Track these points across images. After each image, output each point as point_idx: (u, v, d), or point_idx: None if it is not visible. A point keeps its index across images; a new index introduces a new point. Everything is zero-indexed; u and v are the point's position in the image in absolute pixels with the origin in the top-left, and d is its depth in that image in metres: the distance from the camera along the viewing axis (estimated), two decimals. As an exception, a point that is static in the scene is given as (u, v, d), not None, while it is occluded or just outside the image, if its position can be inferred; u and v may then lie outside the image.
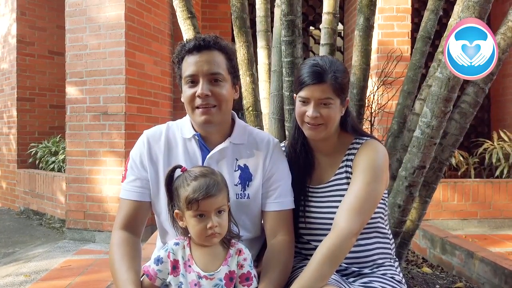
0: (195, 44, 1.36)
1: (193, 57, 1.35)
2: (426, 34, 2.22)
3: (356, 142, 1.48)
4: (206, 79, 1.34)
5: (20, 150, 5.67)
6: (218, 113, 1.36)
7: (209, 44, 1.36)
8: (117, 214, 1.42)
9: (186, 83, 1.37)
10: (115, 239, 1.36)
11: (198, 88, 1.34)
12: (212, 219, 1.20)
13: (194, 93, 1.34)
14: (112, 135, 3.99)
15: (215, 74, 1.35)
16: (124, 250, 1.33)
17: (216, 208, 1.21)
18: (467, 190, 4.26)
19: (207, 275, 1.21)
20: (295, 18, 1.96)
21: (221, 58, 1.38)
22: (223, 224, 1.22)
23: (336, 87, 1.39)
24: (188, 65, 1.36)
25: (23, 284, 2.87)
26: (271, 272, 1.30)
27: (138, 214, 1.40)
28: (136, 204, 1.40)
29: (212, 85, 1.35)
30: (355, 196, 1.32)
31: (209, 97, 1.33)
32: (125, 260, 1.30)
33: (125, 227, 1.38)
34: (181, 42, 1.43)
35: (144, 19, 4.22)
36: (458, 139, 2.06)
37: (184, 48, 1.38)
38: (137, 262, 1.34)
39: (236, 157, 1.43)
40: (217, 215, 1.21)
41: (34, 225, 4.93)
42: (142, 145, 1.44)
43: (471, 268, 2.75)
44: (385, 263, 1.44)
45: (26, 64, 5.66)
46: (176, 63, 1.41)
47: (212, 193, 1.20)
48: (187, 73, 1.36)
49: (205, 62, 1.34)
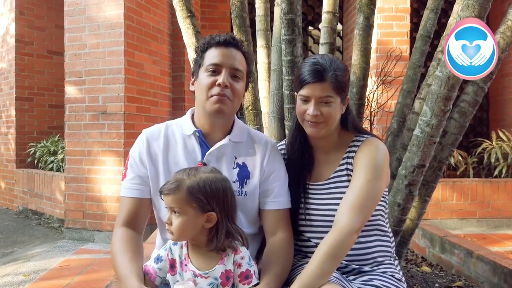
0: (226, 39, 1.42)
1: (221, 50, 1.41)
2: (425, 33, 2.23)
3: (356, 140, 1.48)
4: (229, 71, 1.39)
5: (18, 150, 5.67)
6: (230, 106, 1.40)
7: (238, 43, 1.44)
8: (118, 212, 1.43)
9: (207, 70, 1.40)
10: (117, 235, 1.37)
11: (220, 77, 1.38)
12: (168, 215, 1.23)
13: (214, 81, 1.38)
14: (111, 135, 3.98)
15: (237, 70, 1.41)
16: (126, 244, 1.34)
17: (169, 206, 1.23)
18: (466, 189, 4.26)
19: (201, 274, 1.22)
20: (295, 16, 1.96)
21: (244, 60, 1.45)
22: (174, 225, 1.21)
23: (336, 85, 1.39)
24: (214, 55, 1.40)
25: (22, 283, 2.87)
26: (271, 268, 1.31)
27: (139, 211, 1.41)
28: (137, 201, 1.41)
29: (232, 79, 1.40)
30: (356, 193, 1.33)
31: (227, 88, 1.38)
32: (128, 253, 1.31)
33: (127, 224, 1.39)
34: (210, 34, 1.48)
35: (143, 19, 4.21)
36: (458, 138, 2.06)
37: (214, 39, 1.43)
38: (140, 256, 1.35)
39: (235, 155, 1.45)
40: (172, 214, 1.22)
41: (33, 224, 4.92)
42: (141, 143, 1.45)
43: (470, 267, 2.75)
44: (385, 261, 1.44)
45: (25, 63, 5.66)
46: (200, 52, 1.45)
47: (164, 189, 1.23)
48: (212, 61, 1.40)
49: (231, 56, 1.41)
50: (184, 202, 1.20)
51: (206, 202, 1.22)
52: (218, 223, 1.24)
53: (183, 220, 1.21)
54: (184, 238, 1.25)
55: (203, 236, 1.25)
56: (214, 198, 1.23)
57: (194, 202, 1.20)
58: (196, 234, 1.24)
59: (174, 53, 4.87)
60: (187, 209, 1.21)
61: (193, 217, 1.21)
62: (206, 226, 1.23)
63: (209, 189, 1.22)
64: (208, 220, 1.23)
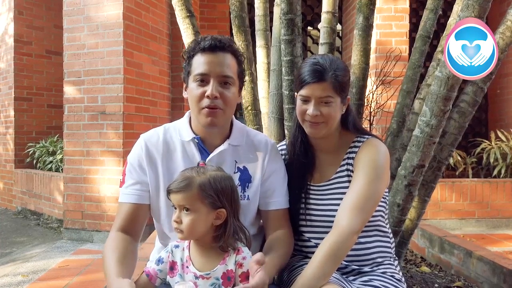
0: (210, 44, 1.34)
1: (207, 56, 1.34)
2: (425, 33, 2.23)
3: (357, 140, 1.48)
4: (217, 80, 1.33)
5: (17, 150, 5.65)
6: (223, 116, 1.36)
7: (224, 46, 1.36)
8: (115, 217, 1.41)
9: (195, 81, 1.35)
10: (110, 238, 1.35)
11: (208, 88, 1.32)
12: (177, 213, 1.22)
13: (203, 93, 1.33)
14: (110, 135, 3.97)
15: (227, 77, 1.34)
16: (115, 245, 1.31)
17: (180, 204, 1.21)
18: (465, 189, 4.26)
19: (203, 275, 1.22)
20: (294, 16, 1.96)
21: (233, 62, 1.38)
22: (184, 223, 1.20)
23: (336, 85, 1.39)
24: (200, 63, 1.35)
25: (20, 284, 2.86)
26: (270, 256, 1.31)
27: (137, 217, 1.39)
28: (135, 206, 1.39)
29: (221, 87, 1.34)
30: (357, 194, 1.33)
31: (217, 99, 1.32)
32: (115, 254, 1.27)
33: (123, 229, 1.36)
34: (195, 38, 1.42)
35: (142, 19, 4.21)
36: (457, 138, 2.06)
37: (199, 45, 1.36)
38: (129, 258, 1.30)
39: (236, 159, 1.43)
40: (182, 212, 1.21)
41: (31, 225, 4.91)
42: (140, 148, 1.42)
43: (470, 267, 2.75)
44: (385, 262, 1.44)
45: (24, 63, 5.64)
46: (186, 59, 1.40)
47: (174, 187, 1.21)
48: (198, 71, 1.34)
49: (218, 63, 1.34)
50: (196, 199, 1.21)
51: (217, 198, 1.23)
52: (226, 220, 1.25)
53: (195, 217, 1.21)
54: (193, 237, 1.24)
55: (209, 234, 1.25)
56: (224, 194, 1.24)
57: (205, 198, 1.21)
58: (206, 232, 1.24)
59: (173, 53, 4.87)
60: (199, 206, 1.21)
61: (204, 214, 1.22)
62: (216, 223, 1.24)
63: (219, 186, 1.23)
64: (217, 217, 1.24)
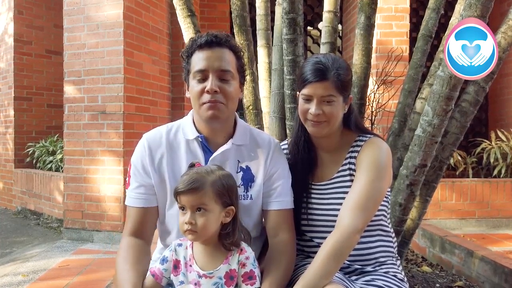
0: (207, 40, 1.35)
1: (204, 53, 1.34)
2: (427, 33, 2.23)
3: (359, 139, 1.47)
4: (216, 75, 1.33)
5: (17, 150, 5.64)
6: (225, 109, 1.35)
7: (221, 41, 1.36)
8: (125, 221, 1.42)
9: (195, 78, 1.35)
10: (122, 244, 1.37)
11: (207, 83, 1.32)
12: (189, 215, 1.20)
13: (203, 89, 1.33)
14: (110, 135, 3.97)
15: (225, 71, 1.34)
16: (128, 252, 1.33)
17: (193, 205, 1.20)
18: (465, 189, 4.26)
19: (206, 274, 1.22)
20: (296, 16, 1.96)
21: (231, 57, 1.38)
22: (199, 224, 1.19)
23: (338, 84, 1.39)
24: (198, 60, 1.35)
25: (21, 284, 2.86)
26: (273, 272, 1.29)
27: (145, 220, 1.40)
28: (143, 210, 1.39)
29: (221, 82, 1.34)
30: (359, 193, 1.32)
31: (217, 93, 1.32)
32: (128, 262, 1.30)
33: (134, 234, 1.38)
34: (191, 37, 1.41)
35: (142, 18, 4.20)
36: (459, 138, 2.06)
37: (195, 43, 1.36)
38: (142, 264, 1.32)
39: (239, 158, 1.43)
40: (196, 213, 1.20)
41: (31, 225, 4.91)
42: (143, 150, 1.41)
43: (471, 267, 2.75)
44: (387, 261, 1.44)
45: (23, 63, 5.63)
46: (185, 58, 1.40)
47: (187, 188, 1.19)
48: (197, 68, 1.34)
49: (216, 58, 1.34)
50: (210, 198, 1.21)
51: (228, 196, 1.24)
52: (234, 217, 1.26)
53: (209, 217, 1.21)
54: (206, 237, 1.23)
55: (216, 233, 1.25)
56: (232, 192, 1.26)
57: (219, 197, 1.22)
58: (216, 231, 1.24)
59: (173, 53, 4.86)
60: (213, 205, 1.21)
61: (218, 213, 1.22)
62: (225, 221, 1.25)
63: (228, 184, 1.25)
64: (226, 214, 1.25)
